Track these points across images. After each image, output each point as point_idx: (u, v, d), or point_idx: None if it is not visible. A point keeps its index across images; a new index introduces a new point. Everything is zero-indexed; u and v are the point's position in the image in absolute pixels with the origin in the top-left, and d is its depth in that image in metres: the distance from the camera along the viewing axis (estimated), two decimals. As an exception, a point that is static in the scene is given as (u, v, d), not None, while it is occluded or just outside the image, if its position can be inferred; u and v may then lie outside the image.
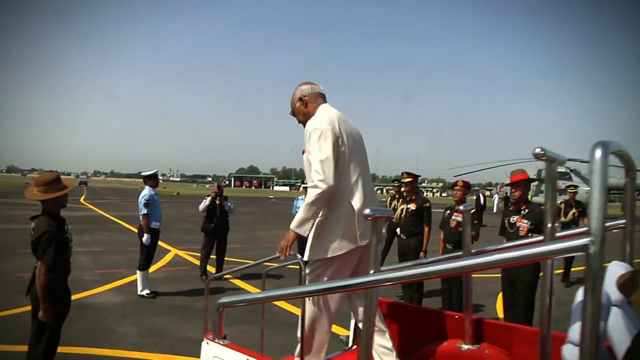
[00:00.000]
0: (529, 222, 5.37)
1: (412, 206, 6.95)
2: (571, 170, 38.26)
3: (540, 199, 37.76)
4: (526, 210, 5.49)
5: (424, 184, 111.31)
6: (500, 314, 7.37)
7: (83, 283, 8.13)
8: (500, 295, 8.36)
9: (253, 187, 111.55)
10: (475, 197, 30.32)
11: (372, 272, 2.03)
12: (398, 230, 8.33)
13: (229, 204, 9.11)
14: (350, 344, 3.65)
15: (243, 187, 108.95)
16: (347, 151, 2.89)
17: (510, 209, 5.75)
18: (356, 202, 2.88)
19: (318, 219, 2.92)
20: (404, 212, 7.00)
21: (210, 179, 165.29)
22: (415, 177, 7.12)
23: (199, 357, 5.17)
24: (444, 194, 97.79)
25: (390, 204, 10.08)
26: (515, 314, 5.47)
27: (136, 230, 8.28)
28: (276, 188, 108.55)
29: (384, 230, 2.81)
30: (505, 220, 5.66)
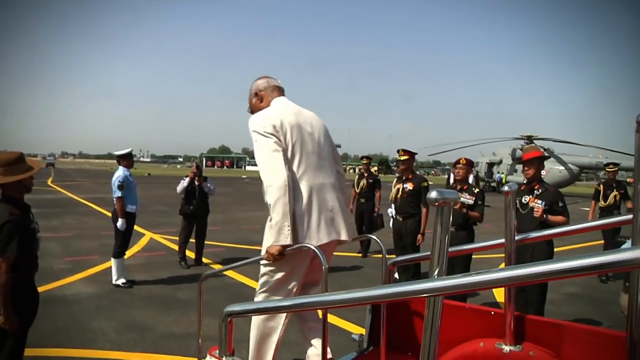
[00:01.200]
0: (544, 203, 4.97)
1: (409, 186, 6.50)
2: (545, 150, 38.35)
3: (515, 177, 37.79)
4: (539, 190, 5.09)
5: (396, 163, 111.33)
6: (500, 298, 7.05)
7: (52, 272, 7.49)
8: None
9: (225, 167, 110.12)
10: (446, 176, 30.63)
11: (435, 274, 1.57)
12: (392, 211, 7.92)
13: (209, 185, 8.53)
14: (365, 344, 3.20)
15: (215, 167, 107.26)
16: (292, 145, 2.66)
17: (522, 188, 5.34)
18: (299, 200, 2.63)
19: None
20: (400, 192, 6.54)
21: (181, 159, 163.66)
22: (412, 154, 6.64)
23: (184, 355, 4.71)
24: (417, 173, 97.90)
25: (358, 183, 9.70)
26: (526, 300, 5.10)
27: (108, 214, 7.68)
28: (248, 168, 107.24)
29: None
30: (517, 201, 5.25)
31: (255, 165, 2.70)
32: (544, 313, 5.05)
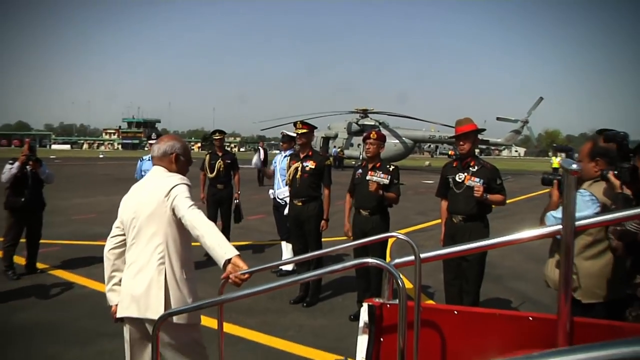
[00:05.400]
0: (482, 181, 4.50)
1: (311, 164, 5.62)
2: (380, 123, 39.31)
3: (352, 152, 38.53)
4: (475, 167, 4.61)
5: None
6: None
7: None
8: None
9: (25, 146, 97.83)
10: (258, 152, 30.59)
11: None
12: (276, 193, 7.03)
13: (47, 170, 6.75)
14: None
15: (12, 146, 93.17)
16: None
17: (454, 165, 4.83)
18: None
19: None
20: (299, 172, 5.67)
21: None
22: (312, 128, 5.79)
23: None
24: (242, 149, 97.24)
25: (211, 165, 8.03)
26: (461, 287, 4.67)
27: None
28: (55, 147, 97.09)
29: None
30: (450, 179, 4.73)
31: (63, 143, 1.85)
32: (479, 301, 4.69)
